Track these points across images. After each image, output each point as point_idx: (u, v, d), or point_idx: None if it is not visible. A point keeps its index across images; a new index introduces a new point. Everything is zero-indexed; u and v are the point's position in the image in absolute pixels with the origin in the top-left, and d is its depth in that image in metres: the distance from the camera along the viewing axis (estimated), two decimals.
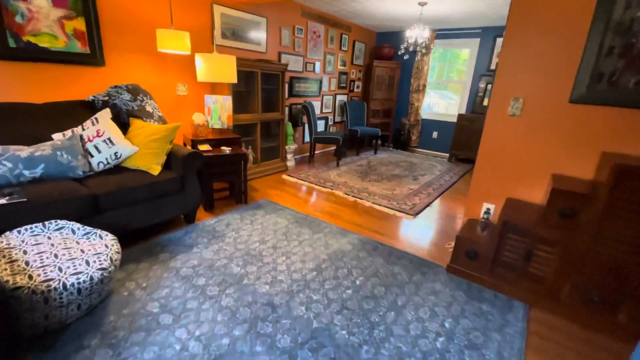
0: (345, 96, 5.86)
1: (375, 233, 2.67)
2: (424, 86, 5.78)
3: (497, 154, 2.25)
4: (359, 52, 5.85)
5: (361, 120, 5.81)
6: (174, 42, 2.63)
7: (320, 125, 5.45)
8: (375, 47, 5.95)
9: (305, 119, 5.02)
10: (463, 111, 5.56)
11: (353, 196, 3.47)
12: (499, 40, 4.98)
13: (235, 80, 2.83)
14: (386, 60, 5.74)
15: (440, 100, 6.04)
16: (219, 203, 3.08)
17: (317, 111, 5.29)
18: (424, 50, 3.96)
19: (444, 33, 5.41)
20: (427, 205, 3.36)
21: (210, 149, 2.91)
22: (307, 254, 2.25)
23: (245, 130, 3.78)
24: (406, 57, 4.60)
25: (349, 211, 3.10)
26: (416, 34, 3.99)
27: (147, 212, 2.26)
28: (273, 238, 2.45)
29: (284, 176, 4.09)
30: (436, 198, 3.62)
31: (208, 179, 2.81)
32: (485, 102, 5.25)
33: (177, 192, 2.42)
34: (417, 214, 3.12)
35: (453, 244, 2.53)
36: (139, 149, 2.36)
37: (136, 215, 2.20)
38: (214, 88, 3.49)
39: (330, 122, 5.67)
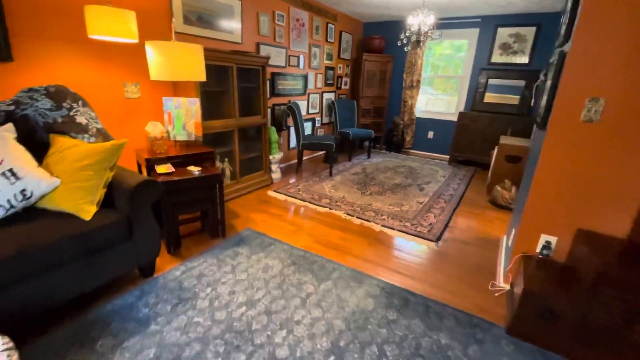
0: (333, 94, 5.23)
1: (398, 274, 2.07)
2: (418, 82, 5.26)
3: (563, 171, 1.71)
4: (346, 45, 5.22)
5: (351, 120, 5.21)
6: (112, 26, 1.87)
7: (307, 128, 4.79)
8: (364, 39, 5.34)
9: (290, 121, 4.33)
10: (462, 108, 5.10)
11: (358, 217, 2.86)
12: (502, 31, 4.52)
13: (204, 78, 2.11)
14: (376, 54, 5.15)
15: (436, 97, 5.55)
16: (188, 240, 2.36)
17: (303, 112, 4.62)
18: (432, 38, 3.41)
19: (440, 23, 4.89)
20: (446, 226, 2.81)
21: (173, 170, 2.18)
22: (315, 322, 1.60)
23: (219, 139, 3.04)
24: (408, 48, 4.02)
25: (357, 240, 2.48)
26: (419, 21, 3.42)
27: (76, 276, 1.52)
28: (265, 296, 1.78)
29: (270, 192, 3.40)
30: (452, 214, 3.08)
31: (170, 211, 2.08)
32: (487, 99, 4.80)
33: (123, 240, 1.69)
34: (438, 238, 2.56)
35: (497, 284, 1.97)
36: (60, 181, 1.60)
37: (59, 284, 1.46)
38: (176, 88, 2.73)
39: (317, 124, 5.02)
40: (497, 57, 4.65)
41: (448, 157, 5.37)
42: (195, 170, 2.18)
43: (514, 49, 4.51)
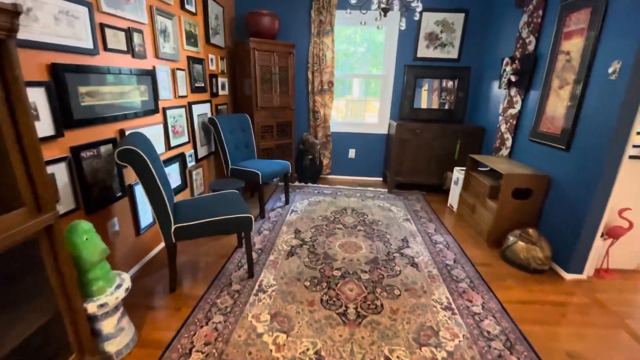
0: (208, 106, 3.03)
1: None
2: (331, 84, 3.74)
3: None
4: (216, 23, 3.09)
5: (247, 147, 3.17)
6: None
7: (172, 177, 2.46)
8: (247, 16, 3.34)
9: (131, 174, 1.94)
10: (387, 117, 3.93)
11: None
12: (428, 17, 3.52)
13: None
14: (269, 40, 3.27)
15: (355, 104, 4.20)
16: None
17: (161, 148, 2.28)
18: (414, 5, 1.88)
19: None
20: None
21: None
22: None
23: None
24: (380, 26, 2.32)
25: None
26: None
27: None
28: None
29: None
30: (515, 328, 1.71)
31: None
32: (418, 103, 3.78)
33: None
34: None
35: None
36: None
37: None
38: None
39: (190, 163, 2.74)
40: (424, 51, 3.66)
41: (379, 179, 4.15)
42: None
43: (442, 40, 3.61)
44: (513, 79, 2.79)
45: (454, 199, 3.25)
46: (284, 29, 3.60)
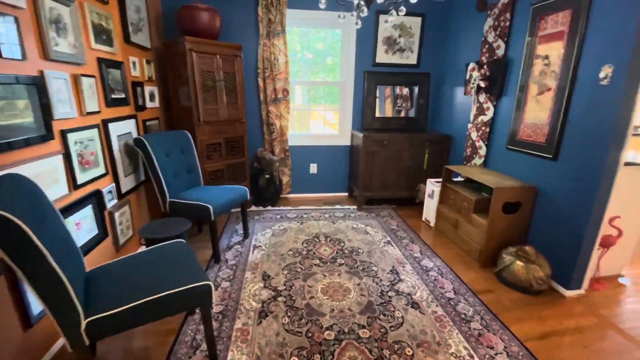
0: (132, 123, 2.33)
1: None
2: (286, 92, 3.28)
3: None
4: (137, 17, 2.42)
5: (190, 172, 2.53)
6: None
7: (85, 225, 1.74)
8: (180, 10, 2.70)
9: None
10: (349, 127, 3.60)
11: None
12: (386, 19, 3.28)
13: None
14: (210, 40, 2.68)
15: (296, 112, 3.78)
16: None
17: (61, 189, 1.56)
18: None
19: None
20: None
21: None
22: None
23: None
24: (358, 25, 1.89)
25: None
26: None
27: None
28: None
29: None
30: None
31: None
32: (380, 112, 3.53)
33: None
34: None
35: None
36: None
37: None
38: None
39: (110, 201, 2.02)
40: (383, 56, 3.43)
41: (345, 194, 3.80)
42: None
43: (401, 45, 3.42)
44: (482, 84, 2.67)
45: (429, 213, 3.04)
46: (226, 28, 3.03)
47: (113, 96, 2.05)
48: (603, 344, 1.64)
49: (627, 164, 1.82)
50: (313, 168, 3.68)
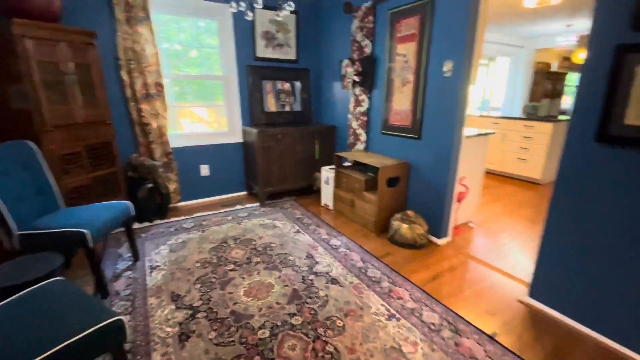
0: None
1: None
2: (160, 86, 2.88)
3: None
4: None
5: (41, 193, 1.94)
6: None
7: None
8: None
9: None
10: (239, 124, 3.48)
11: None
12: (260, 14, 3.29)
13: None
14: (48, 23, 2.06)
15: (193, 109, 3.42)
16: None
17: None
18: None
19: None
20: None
21: None
22: None
23: None
24: (249, 17, 1.71)
25: None
26: None
27: None
28: None
29: None
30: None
31: None
32: (268, 107, 3.54)
33: None
34: None
35: None
36: None
37: None
38: None
39: None
40: (264, 50, 3.44)
41: (244, 193, 3.67)
42: None
43: (279, 40, 3.50)
44: (357, 79, 3.03)
45: (327, 197, 3.28)
46: (69, 10, 2.41)
47: None
48: (472, 274, 2.17)
49: (467, 137, 2.44)
50: (204, 170, 3.39)
